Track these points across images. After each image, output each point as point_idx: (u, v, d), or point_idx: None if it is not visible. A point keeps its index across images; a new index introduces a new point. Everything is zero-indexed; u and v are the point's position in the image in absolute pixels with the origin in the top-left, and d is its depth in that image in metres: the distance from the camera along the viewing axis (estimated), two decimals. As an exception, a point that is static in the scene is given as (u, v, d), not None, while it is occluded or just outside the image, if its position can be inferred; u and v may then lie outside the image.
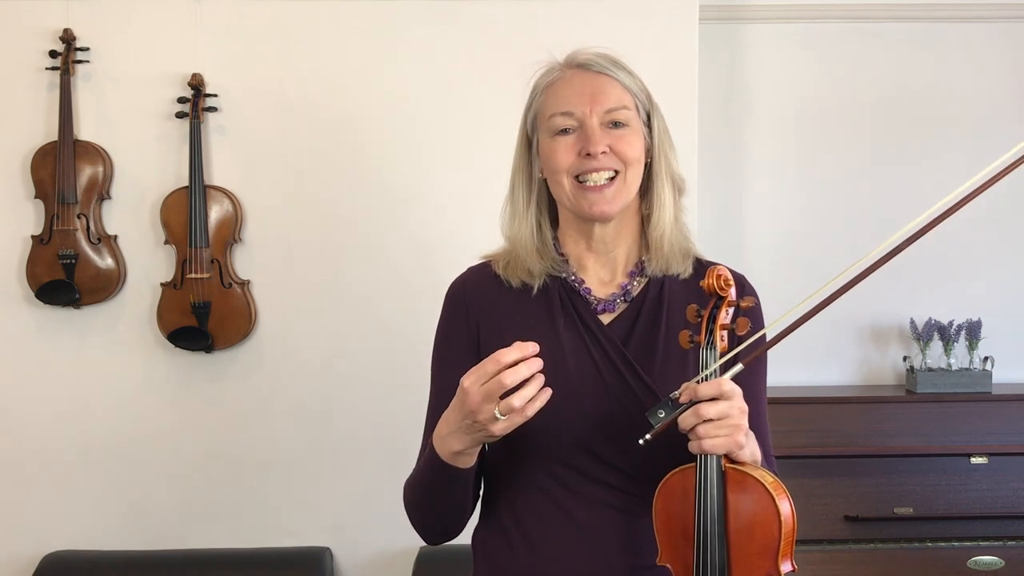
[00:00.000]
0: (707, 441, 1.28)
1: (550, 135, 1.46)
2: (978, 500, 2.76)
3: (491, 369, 1.26)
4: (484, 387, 1.26)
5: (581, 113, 1.44)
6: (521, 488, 1.46)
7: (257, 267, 2.88)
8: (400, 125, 2.86)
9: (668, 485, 1.37)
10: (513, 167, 1.55)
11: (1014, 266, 3.20)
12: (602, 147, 1.42)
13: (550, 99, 1.47)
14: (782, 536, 1.30)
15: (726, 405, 1.29)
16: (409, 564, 2.78)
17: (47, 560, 2.79)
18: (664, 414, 1.31)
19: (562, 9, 2.82)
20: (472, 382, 1.27)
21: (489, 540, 1.51)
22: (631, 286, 1.51)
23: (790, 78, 3.16)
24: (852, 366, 3.19)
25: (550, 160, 1.46)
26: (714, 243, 3.05)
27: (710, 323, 1.36)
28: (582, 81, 1.46)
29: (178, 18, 2.83)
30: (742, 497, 1.32)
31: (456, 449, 1.35)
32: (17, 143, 2.83)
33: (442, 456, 1.37)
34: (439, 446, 1.37)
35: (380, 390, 2.86)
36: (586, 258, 1.52)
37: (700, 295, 1.45)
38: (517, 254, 1.51)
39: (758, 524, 1.31)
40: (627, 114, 1.46)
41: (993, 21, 3.13)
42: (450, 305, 1.55)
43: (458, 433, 1.33)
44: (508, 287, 1.52)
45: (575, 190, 1.45)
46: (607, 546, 1.42)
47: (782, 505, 1.31)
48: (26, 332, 2.87)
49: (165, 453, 2.89)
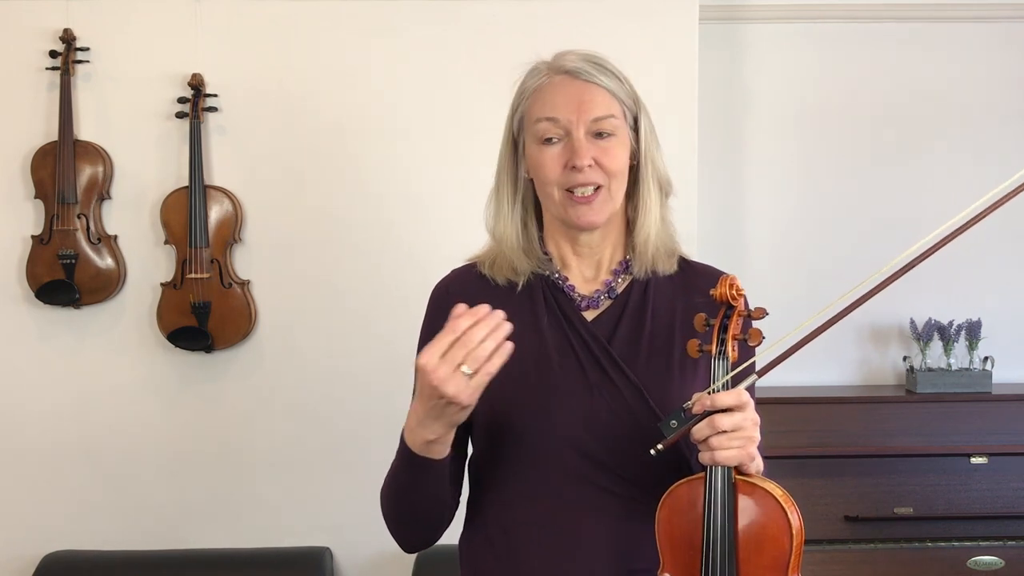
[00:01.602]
0: (720, 453, 1.27)
1: (536, 142, 1.46)
2: (978, 500, 2.76)
3: (447, 340, 1.24)
4: (445, 357, 1.24)
5: (567, 121, 1.44)
6: (505, 489, 1.45)
7: (257, 267, 2.88)
8: (400, 125, 2.86)
9: (674, 495, 1.34)
10: (498, 165, 1.55)
11: (1014, 266, 3.20)
12: (588, 160, 1.42)
13: (537, 103, 1.47)
14: (793, 549, 1.28)
15: (740, 417, 1.28)
16: (409, 564, 2.78)
17: (47, 560, 2.79)
18: (677, 425, 1.29)
19: (562, 9, 2.81)
20: (429, 356, 1.25)
21: (473, 543, 1.50)
22: (615, 283, 1.51)
23: (790, 78, 3.16)
24: (852, 366, 3.20)
25: (539, 170, 1.46)
26: (714, 243, 3.05)
27: (721, 333, 1.34)
28: (569, 89, 1.45)
29: (178, 18, 2.83)
30: (752, 510, 1.30)
31: (429, 438, 1.33)
32: (17, 143, 2.83)
33: (415, 449, 1.35)
34: (411, 440, 1.35)
35: (380, 390, 2.85)
36: (570, 258, 1.52)
37: (685, 293, 1.45)
38: (503, 252, 1.51)
39: (768, 537, 1.29)
40: (614, 123, 1.45)
41: (993, 21, 3.13)
42: (434, 305, 1.55)
43: (428, 420, 1.31)
44: (494, 284, 1.51)
45: (564, 201, 1.45)
46: (592, 548, 1.41)
47: (793, 518, 1.29)
48: (26, 332, 2.87)
49: (165, 453, 2.89)
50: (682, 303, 1.49)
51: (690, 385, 1.42)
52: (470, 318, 1.25)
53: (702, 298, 1.44)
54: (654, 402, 1.41)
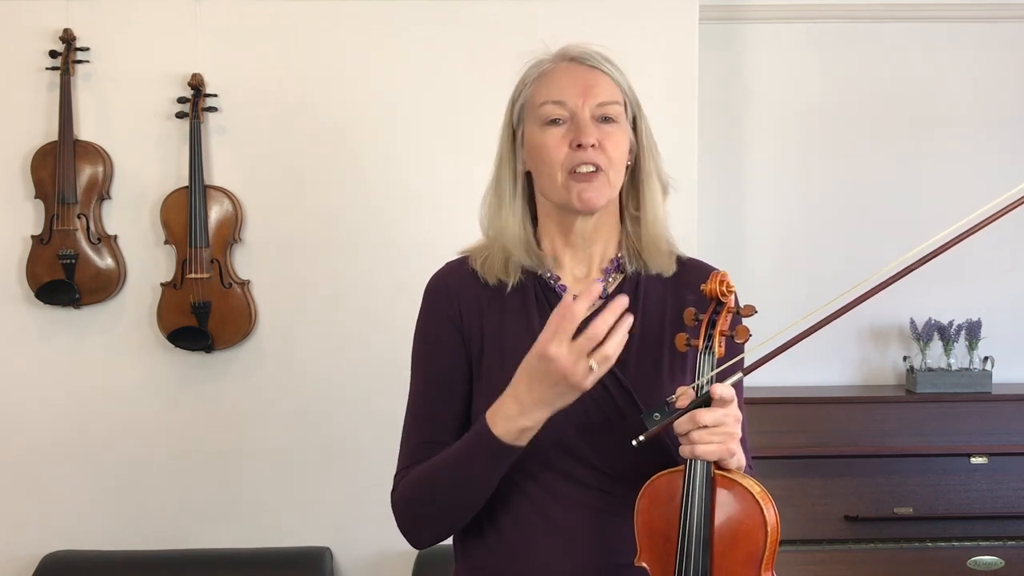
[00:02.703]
0: (700, 447, 1.29)
1: (539, 124, 1.45)
2: (978, 500, 2.76)
3: (569, 327, 1.26)
4: (573, 346, 1.26)
5: (573, 104, 1.43)
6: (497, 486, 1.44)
7: (257, 267, 2.88)
8: (400, 125, 2.86)
9: (654, 486, 1.36)
10: (498, 159, 1.53)
11: (1014, 266, 3.20)
12: (593, 139, 1.42)
13: (541, 87, 1.47)
14: (767, 545, 1.29)
15: (721, 413, 1.30)
16: (409, 564, 2.78)
17: (47, 560, 2.79)
18: (660, 417, 1.31)
19: (562, 9, 2.82)
20: (557, 345, 1.26)
21: (468, 539, 1.51)
22: (607, 283, 1.50)
23: (790, 78, 3.16)
24: (852, 366, 3.20)
25: (541, 152, 1.45)
26: (714, 243, 3.06)
27: (709, 328, 1.35)
28: (576, 73, 1.46)
29: (178, 18, 2.83)
30: (729, 504, 1.31)
31: (529, 425, 1.33)
32: (17, 143, 2.83)
33: (506, 439, 1.34)
34: (507, 428, 1.34)
35: (380, 390, 2.85)
36: (563, 253, 1.51)
37: (677, 290, 1.44)
38: (503, 246, 1.50)
39: (743, 532, 1.30)
40: (617, 109, 1.46)
41: (993, 21, 3.13)
42: (431, 296, 1.55)
43: (538, 407, 1.31)
44: (484, 283, 1.51)
45: (567, 182, 1.43)
46: (582, 545, 1.42)
47: (768, 514, 1.30)
48: (26, 332, 2.87)
49: (165, 453, 2.89)
50: (673, 300, 1.49)
51: (680, 385, 1.42)
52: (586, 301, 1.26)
53: (693, 295, 1.45)
54: (643, 403, 1.41)
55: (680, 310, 1.44)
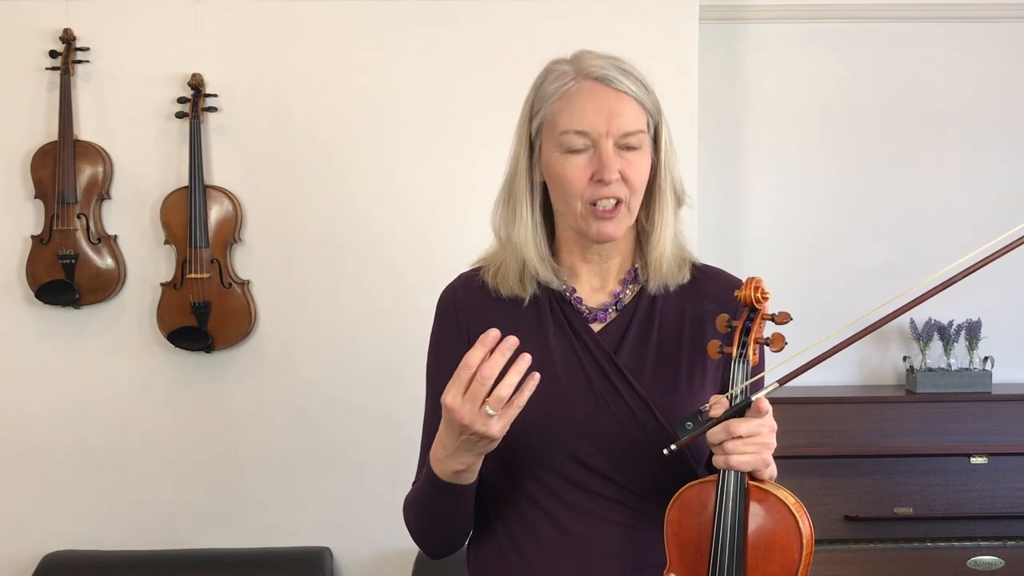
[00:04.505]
0: (734, 457, 1.26)
1: (560, 151, 1.41)
2: (978, 500, 2.76)
3: (465, 376, 1.23)
4: (467, 395, 1.24)
5: (596, 135, 1.39)
6: (512, 498, 1.45)
7: (257, 267, 2.88)
8: (400, 125, 2.86)
9: (685, 496, 1.32)
10: (514, 169, 1.49)
11: (1014, 266, 3.18)
12: (615, 175, 1.38)
13: (564, 112, 1.40)
14: (803, 557, 1.26)
15: (757, 423, 1.27)
16: (409, 564, 2.78)
17: (47, 560, 2.79)
18: (692, 427, 1.27)
19: (562, 9, 2.82)
20: (453, 396, 1.24)
21: (482, 550, 1.50)
22: (623, 294, 1.49)
23: (790, 78, 3.16)
24: (852, 366, 3.19)
25: (561, 182, 1.41)
26: (714, 243, 3.06)
27: (743, 335, 1.32)
28: (600, 99, 1.40)
29: (178, 18, 2.83)
30: (763, 516, 1.28)
31: (459, 468, 1.33)
32: (17, 143, 2.83)
33: (444, 478, 1.35)
34: (439, 470, 1.34)
35: (380, 390, 2.86)
36: (579, 266, 1.50)
37: (695, 299, 1.41)
38: (518, 256, 1.47)
39: (778, 545, 1.27)
40: (641, 137, 1.41)
41: (992, 21, 3.13)
42: (442, 313, 1.53)
43: (458, 453, 1.31)
44: (496, 297, 1.49)
45: (587, 214, 1.41)
46: (600, 558, 1.40)
47: (804, 526, 1.26)
48: (26, 332, 2.87)
49: (165, 453, 2.89)
50: (691, 309, 1.47)
51: (698, 396, 1.41)
52: (483, 349, 1.23)
53: (713, 304, 1.43)
54: (660, 414, 1.39)
55: (698, 317, 1.43)
